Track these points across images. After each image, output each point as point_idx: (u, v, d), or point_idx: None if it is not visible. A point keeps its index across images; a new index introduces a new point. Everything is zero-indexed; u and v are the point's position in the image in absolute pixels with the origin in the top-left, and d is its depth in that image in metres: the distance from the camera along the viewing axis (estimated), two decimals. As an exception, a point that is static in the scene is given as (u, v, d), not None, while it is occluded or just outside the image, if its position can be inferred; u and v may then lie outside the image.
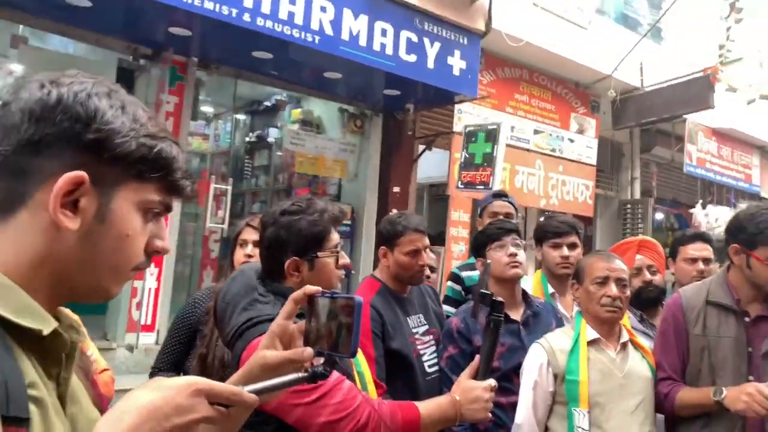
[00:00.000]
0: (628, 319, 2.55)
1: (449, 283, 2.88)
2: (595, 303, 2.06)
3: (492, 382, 1.59)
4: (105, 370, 1.85)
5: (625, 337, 2.10)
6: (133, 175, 0.76)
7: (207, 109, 7.63)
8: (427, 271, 2.57)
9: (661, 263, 2.68)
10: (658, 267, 2.64)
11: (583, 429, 1.94)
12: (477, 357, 1.64)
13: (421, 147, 6.68)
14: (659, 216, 9.62)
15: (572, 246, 2.54)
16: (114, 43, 5.03)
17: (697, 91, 7.12)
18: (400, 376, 2.14)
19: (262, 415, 1.48)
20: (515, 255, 2.24)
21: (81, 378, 0.96)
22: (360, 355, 1.75)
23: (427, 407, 1.55)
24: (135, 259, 0.79)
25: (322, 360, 0.91)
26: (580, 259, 2.27)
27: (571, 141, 7.57)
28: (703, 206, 8.83)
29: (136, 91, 5.38)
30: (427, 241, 2.26)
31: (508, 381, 2.12)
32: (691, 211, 8.60)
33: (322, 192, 7.03)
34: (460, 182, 5.84)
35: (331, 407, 1.43)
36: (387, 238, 2.26)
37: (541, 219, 2.91)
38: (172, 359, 2.29)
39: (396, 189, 6.52)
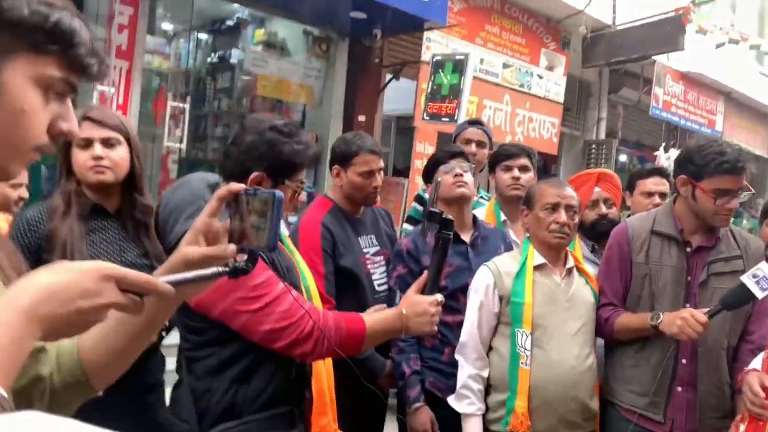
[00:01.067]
0: (580, 249, 2.60)
1: (413, 203, 2.88)
2: (544, 229, 2.08)
3: (439, 297, 1.60)
4: None
5: (570, 263, 2.14)
6: (28, 46, 0.70)
7: (166, 25, 7.27)
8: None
9: (618, 197, 2.71)
10: (614, 200, 2.67)
11: (525, 349, 2.00)
12: (425, 273, 1.65)
13: (389, 76, 6.55)
14: (623, 157, 9.75)
15: (523, 168, 2.54)
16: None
17: (668, 32, 7.08)
18: (349, 293, 2.15)
19: (207, 321, 1.47)
20: (461, 176, 2.24)
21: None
22: (306, 270, 1.74)
23: (373, 319, 1.57)
24: (34, 139, 0.73)
25: (245, 257, 0.88)
26: (531, 185, 2.27)
27: (540, 77, 7.51)
28: (666, 149, 8.96)
29: (88, 1, 5.08)
30: (381, 163, 2.23)
31: (455, 300, 2.16)
32: (655, 153, 8.73)
33: (286, 118, 6.87)
34: (425, 113, 5.77)
35: (276, 315, 1.43)
36: (341, 158, 2.22)
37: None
38: None
39: (361, 118, 6.41)
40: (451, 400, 2.06)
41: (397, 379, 2.13)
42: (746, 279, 1.81)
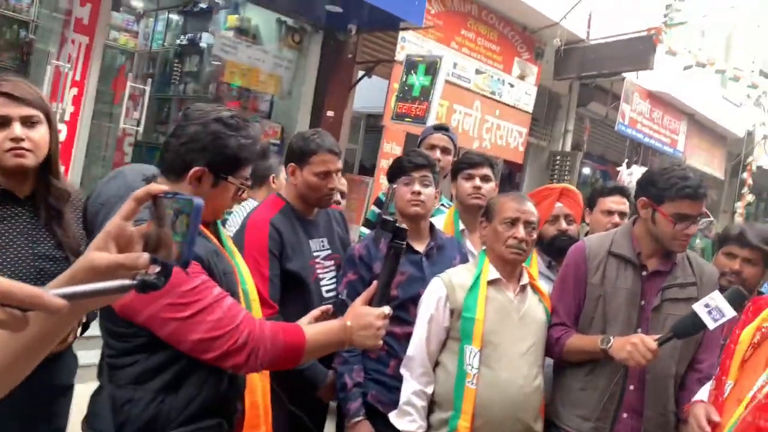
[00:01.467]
0: (537, 264, 2.56)
1: (372, 206, 2.80)
2: (501, 243, 2.02)
3: (386, 309, 1.52)
4: None
5: (525, 279, 2.08)
6: None
7: (135, 2, 7.03)
8: (337, 196, 2.46)
9: (579, 213, 2.68)
10: (575, 217, 2.63)
11: (472, 367, 1.93)
12: (374, 283, 1.57)
13: (361, 73, 6.45)
14: (586, 170, 9.86)
15: (485, 178, 2.48)
16: None
17: (640, 50, 7.17)
18: (295, 298, 2.05)
19: (132, 327, 1.36)
20: (419, 194, 2.16)
21: None
22: (246, 273, 1.64)
23: (315, 330, 1.48)
24: None
25: (158, 269, 0.78)
26: (492, 197, 2.21)
27: (511, 86, 7.51)
28: (629, 165, 9.09)
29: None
30: (339, 164, 2.13)
31: (405, 311, 2.08)
32: (618, 169, 8.84)
33: (252, 108, 6.70)
34: (394, 113, 5.69)
35: (207, 324, 1.33)
36: (298, 155, 2.11)
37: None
38: None
39: (330, 113, 6.30)
40: (393, 417, 1.99)
41: (338, 391, 2.05)
42: (698, 308, 1.78)
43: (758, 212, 13.76)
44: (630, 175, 9.02)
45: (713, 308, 1.77)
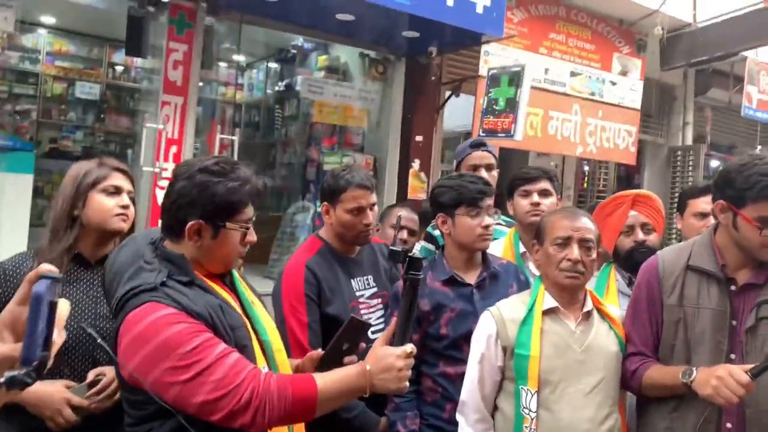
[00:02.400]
0: (615, 283, 2.29)
1: (421, 242, 2.65)
2: (554, 267, 1.81)
3: (408, 348, 1.40)
4: None
5: (589, 305, 1.85)
6: None
7: (227, 56, 7.47)
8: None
9: (659, 221, 2.36)
10: (654, 225, 2.32)
11: (529, 410, 1.73)
12: (393, 320, 1.46)
13: (447, 93, 6.34)
14: (714, 163, 8.93)
15: (544, 193, 2.27)
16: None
17: (757, 25, 6.40)
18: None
19: (143, 394, 1.36)
20: (488, 227, 2.04)
21: None
22: (268, 322, 1.59)
23: (329, 378, 1.39)
24: None
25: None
26: (543, 217, 2.00)
27: (613, 84, 7.02)
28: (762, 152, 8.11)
29: (146, 39, 5.27)
30: (373, 198, 2.04)
31: (458, 350, 1.94)
32: (752, 158, 7.91)
33: (347, 142, 6.82)
34: (481, 130, 5.50)
35: (209, 384, 1.29)
36: (329, 194, 2.06)
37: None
38: None
39: (419, 138, 6.24)
40: (450, 465, 1.83)
41: None
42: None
43: None
44: (767, 163, 8.06)
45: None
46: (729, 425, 1.68)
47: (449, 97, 6.32)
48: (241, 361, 1.35)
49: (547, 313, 1.82)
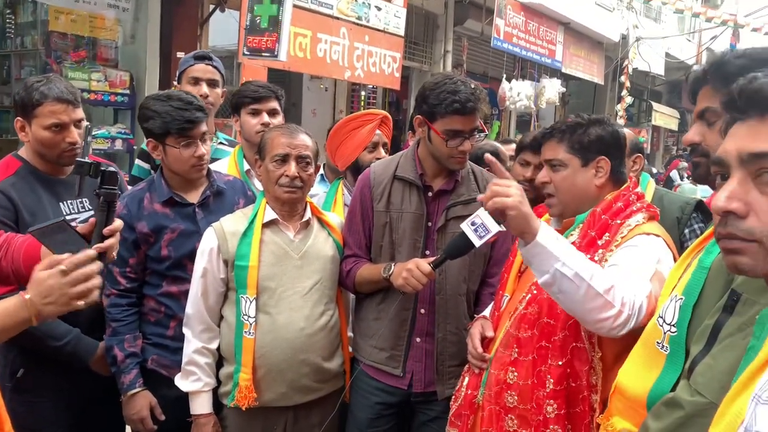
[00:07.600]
0: (342, 196, 2.45)
1: (137, 160, 2.51)
2: (274, 182, 1.87)
3: (83, 255, 1.22)
4: None
5: (308, 215, 1.96)
6: None
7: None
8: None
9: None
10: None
11: (248, 317, 1.82)
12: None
13: (212, 7, 5.99)
14: (470, 90, 9.82)
15: (273, 112, 2.31)
16: None
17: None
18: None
19: None
20: (201, 157, 1.98)
21: None
22: None
23: None
24: None
25: None
26: (263, 134, 2.03)
27: (378, 9, 7.23)
28: (508, 80, 9.13)
29: None
30: (78, 113, 1.85)
31: (182, 269, 1.92)
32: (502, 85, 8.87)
33: (100, 57, 6.14)
34: (245, 48, 5.35)
35: None
36: (22, 108, 1.83)
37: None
38: None
39: (180, 54, 5.85)
40: (177, 379, 1.87)
41: (110, 365, 1.89)
42: (466, 226, 1.71)
43: (640, 113, 14.35)
44: (510, 90, 9.09)
45: (479, 225, 1.69)
46: (422, 311, 1.95)
47: (213, 11, 5.99)
48: None
49: (267, 225, 1.89)
